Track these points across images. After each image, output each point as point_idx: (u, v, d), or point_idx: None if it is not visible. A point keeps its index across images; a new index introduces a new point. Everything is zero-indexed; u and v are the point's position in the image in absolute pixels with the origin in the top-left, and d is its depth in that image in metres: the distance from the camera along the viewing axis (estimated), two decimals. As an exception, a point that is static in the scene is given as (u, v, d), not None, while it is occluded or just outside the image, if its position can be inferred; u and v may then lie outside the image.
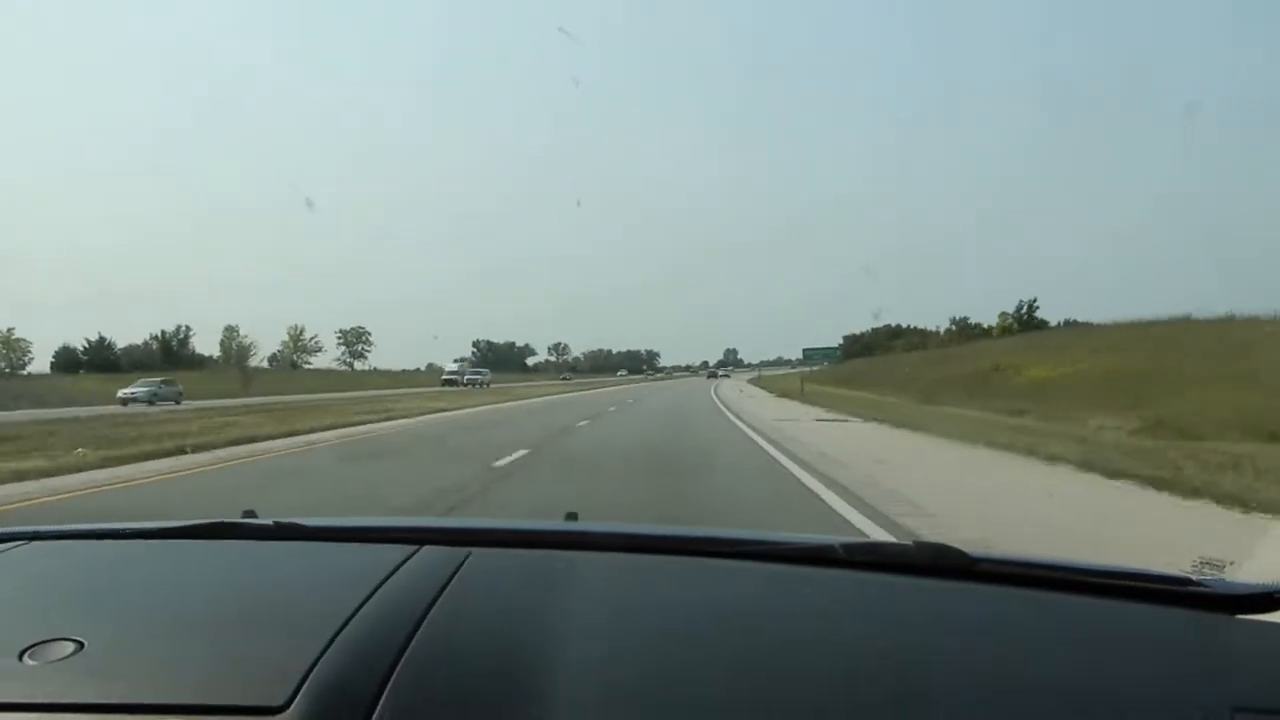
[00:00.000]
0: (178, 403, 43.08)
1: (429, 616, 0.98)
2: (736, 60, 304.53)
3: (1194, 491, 7.89)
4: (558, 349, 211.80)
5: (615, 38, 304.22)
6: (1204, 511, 7.20)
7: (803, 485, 9.25)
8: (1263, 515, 6.76)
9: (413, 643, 0.92)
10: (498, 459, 11.72)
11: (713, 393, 44.72)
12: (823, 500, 8.15)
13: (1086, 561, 1.24)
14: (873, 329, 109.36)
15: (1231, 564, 1.31)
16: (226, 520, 1.42)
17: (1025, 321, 70.60)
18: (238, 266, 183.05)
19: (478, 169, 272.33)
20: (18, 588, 1.21)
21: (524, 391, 55.69)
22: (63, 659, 0.91)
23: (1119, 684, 0.91)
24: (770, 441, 14.77)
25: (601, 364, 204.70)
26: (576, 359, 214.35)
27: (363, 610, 0.98)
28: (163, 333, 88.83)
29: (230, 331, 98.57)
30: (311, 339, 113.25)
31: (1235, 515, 6.93)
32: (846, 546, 1.23)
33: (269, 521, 1.42)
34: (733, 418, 22.50)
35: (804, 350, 75.44)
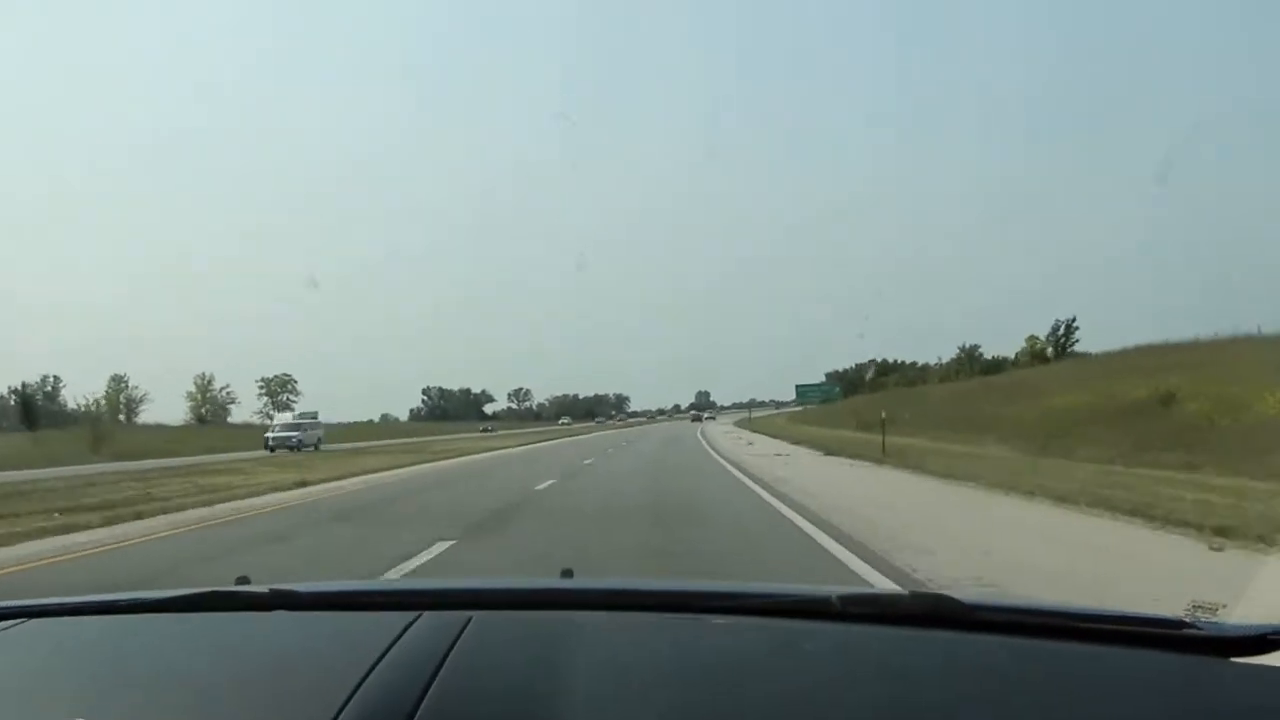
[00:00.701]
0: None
1: (433, 686, 0.97)
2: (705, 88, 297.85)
3: None
4: (519, 395, 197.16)
5: (592, 82, 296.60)
6: None
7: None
8: None
9: (419, 712, 0.92)
10: None
11: (717, 452, 28.27)
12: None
13: (1082, 606, 1.26)
14: (857, 365, 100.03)
15: (1224, 607, 1.34)
16: (222, 590, 1.42)
17: (1062, 345, 60.23)
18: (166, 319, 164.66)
19: (438, 205, 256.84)
20: (23, 668, 1.22)
21: (392, 456, 33.53)
22: None
23: None
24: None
25: (567, 409, 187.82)
26: (541, 405, 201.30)
27: (366, 682, 0.98)
28: (23, 385, 73.46)
29: (116, 382, 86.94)
30: (222, 390, 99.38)
31: None
32: (843, 598, 1.23)
33: (265, 589, 1.41)
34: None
35: (797, 387, 64.09)
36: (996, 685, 1.03)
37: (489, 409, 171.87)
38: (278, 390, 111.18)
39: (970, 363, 74.53)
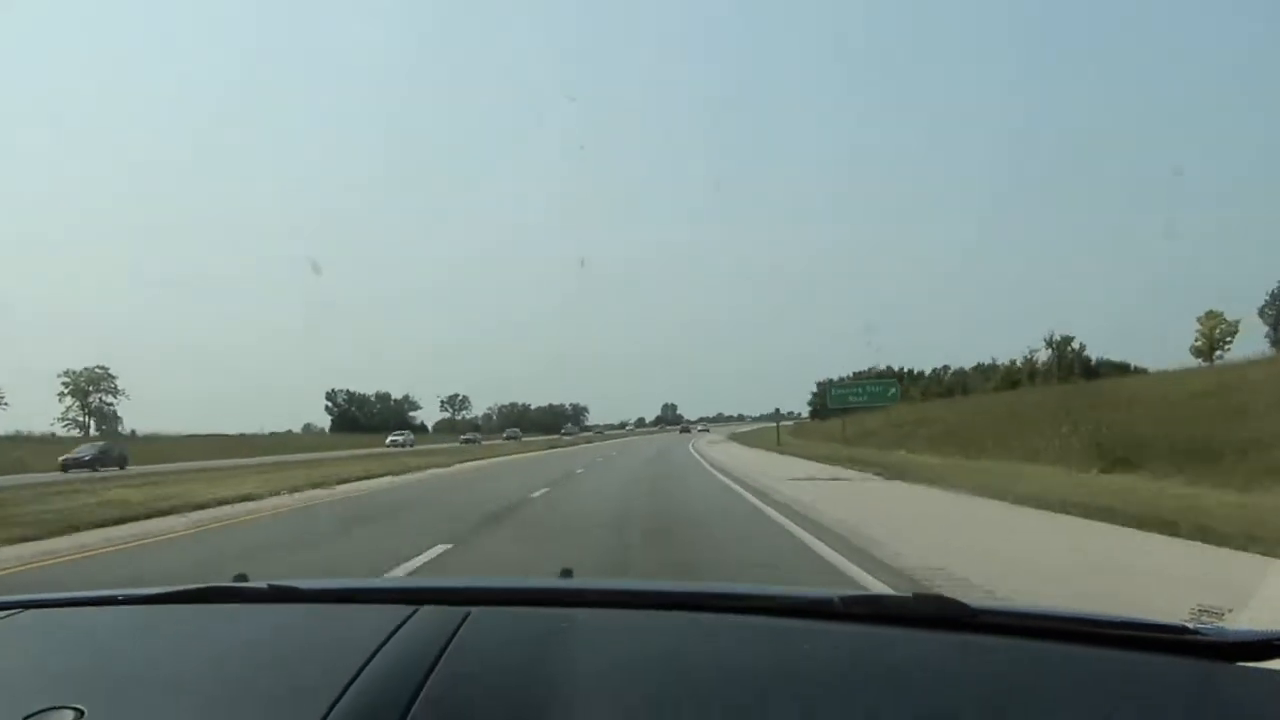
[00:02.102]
0: None
1: (430, 679, 0.97)
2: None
3: None
4: (454, 403, 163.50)
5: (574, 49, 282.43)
6: None
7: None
8: None
9: (414, 706, 0.91)
10: None
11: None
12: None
13: (1086, 611, 1.23)
14: (856, 374, 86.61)
15: (1230, 611, 1.33)
16: (220, 585, 1.41)
17: (1065, 361, 48.25)
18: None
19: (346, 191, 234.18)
20: (18, 656, 1.22)
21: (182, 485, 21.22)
22: None
23: None
24: None
25: (515, 421, 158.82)
26: (484, 416, 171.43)
27: (363, 674, 0.98)
28: None
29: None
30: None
31: None
32: (845, 599, 1.22)
33: (263, 584, 1.40)
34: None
35: (831, 387, 42.56)
36: (999, 688, 1.02)
37: (417, 418, 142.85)
38: (87, 388, 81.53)
39: (978, 375, 61.25)
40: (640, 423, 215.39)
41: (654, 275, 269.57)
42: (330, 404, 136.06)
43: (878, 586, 6.35)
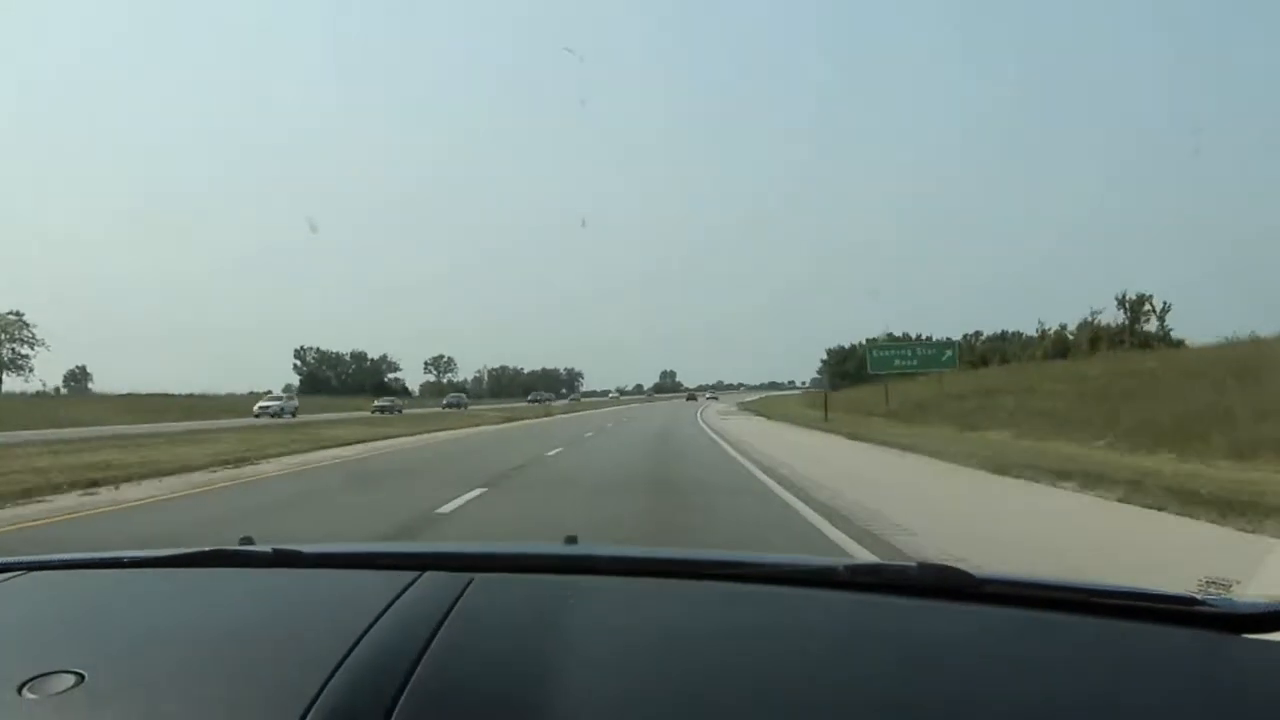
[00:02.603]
0: None
1: (433, 644, 0.97)
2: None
3: None
4: (439, 365, 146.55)
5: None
6: None
7: None
8: None
9: (417, 670, 0.91)
10: None
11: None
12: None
13: (1092, 581, 1.22)
14: (869, 340, 78.86)
15: (1238, 583, 1.33)
16: (225, 548, 1.42)
17: (1134, 327, 40.44)
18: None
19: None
20: (17, 619, 1.21)
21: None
22: (63, 692, 0.90)
23: (1127, 706, 0.92)
24: None
25: (505, 386, 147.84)
26: (474, 379, 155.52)
27: (366, 638, 0.98)
28: None
29: None
30: None
31: None
32: (850, 568, 1.22)
33: (268, 549, 1.40)
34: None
35: (871, 350, 37.35)
36: (1004, 657, 1.02)
37: (396, 380, 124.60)
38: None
39: (1036, 342, 53.17)
40: (639, 389, 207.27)
41: (654, 237, 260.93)
42: (299, 363, 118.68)
43: None
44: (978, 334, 68.72)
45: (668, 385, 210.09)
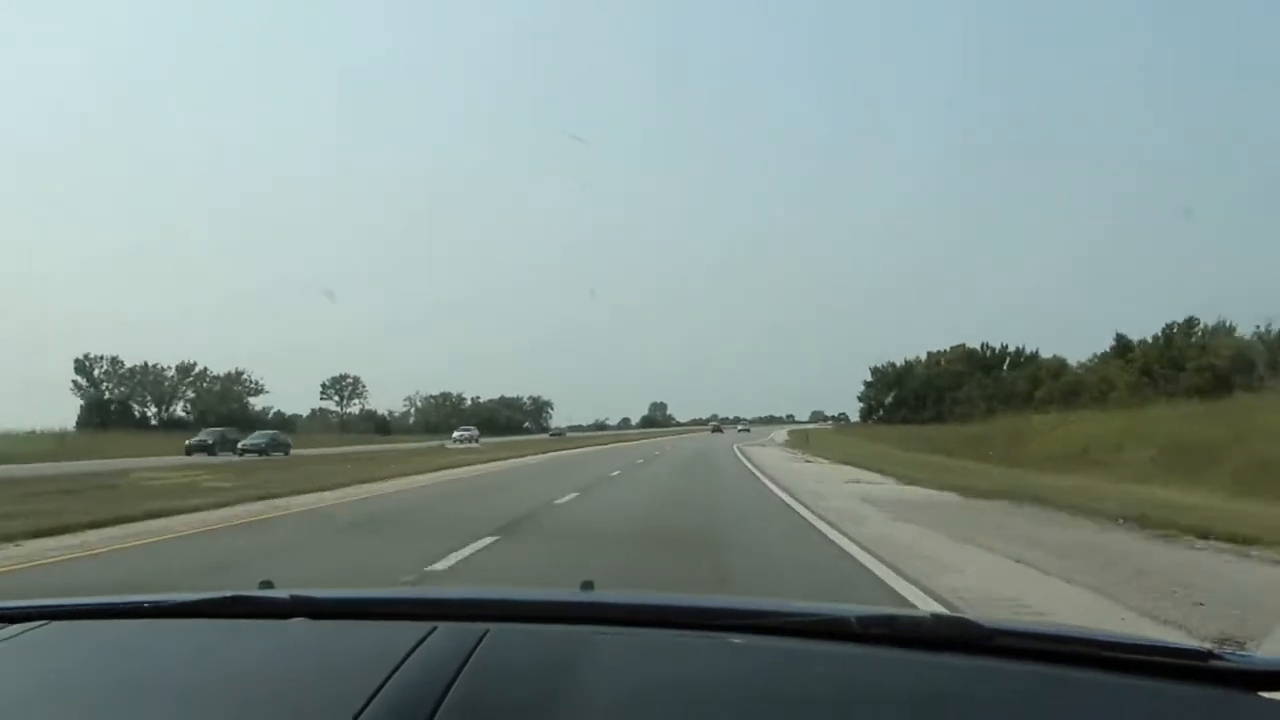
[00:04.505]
0: None
1: (447, 698, 0.98)
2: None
3: None
4: (339, 388, 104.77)
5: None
6: None
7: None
8: None
9: None
10: None
11: None
12: None
13: (1106, 633, 1.23)
14: (931, 355, 69.25)
15: (1252, 640, 1.23)
16: (244, 594, 1.43)
17: None
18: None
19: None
20: (41, 672, 1.22)
21: None
22: None
23: None
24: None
25: (443, 421, 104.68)
26: (408, 409, 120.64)
27: (380, 695, 0.98)
28: None
29: None
30: None
31: None
32: (861, 619, 1.22)
33: (285, 595, 1.41)
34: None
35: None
36: (1015, 714, 1.02)
37: (261, 405, 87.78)
38: None
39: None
40: (625, 423, 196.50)
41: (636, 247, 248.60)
42: (83, 382, 78.81)
43: None
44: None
45: (658, 418, 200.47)
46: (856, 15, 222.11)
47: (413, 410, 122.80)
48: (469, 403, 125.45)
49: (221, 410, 75.28)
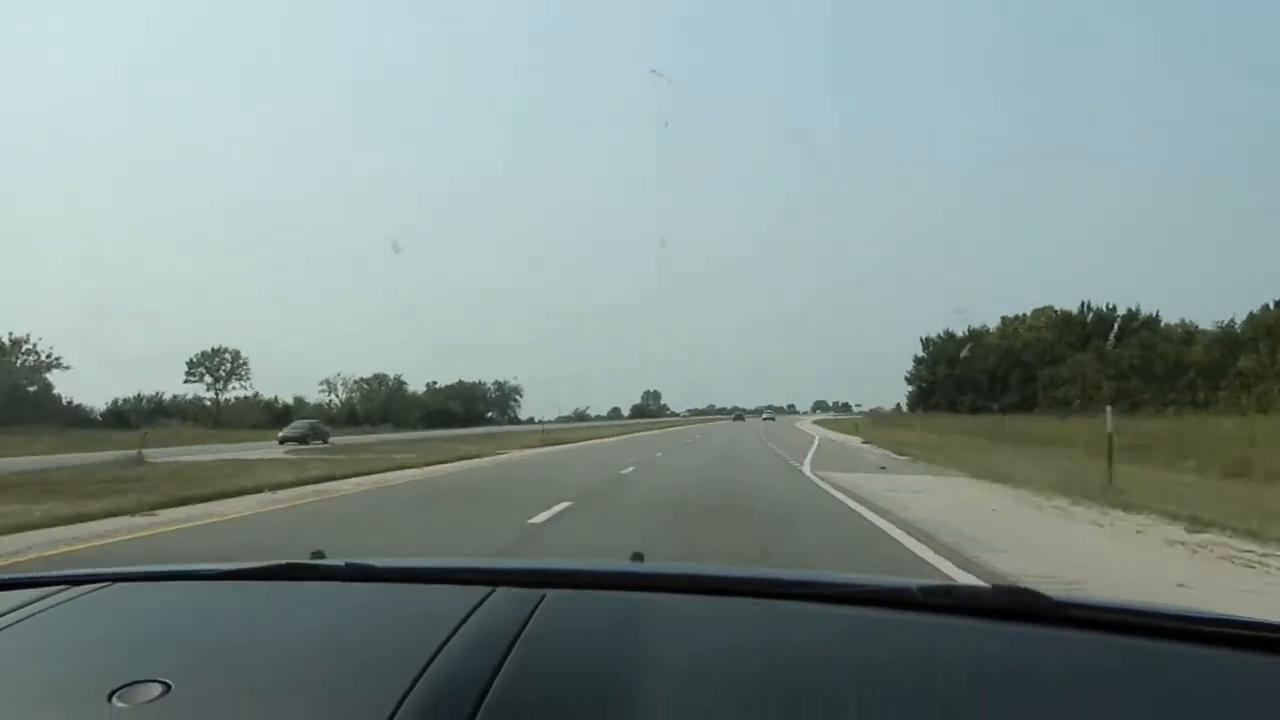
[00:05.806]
0: None
1: (508, 660, 0.99)
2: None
3: None
4: (212, 366, 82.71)
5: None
6: None
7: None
8: None
9: (493, 687, 0.93)
10: None
11: None
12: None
13: (1177, 607, 1.21)
14: (949, 333, 54.14)
15: None
16: (299, 562, 1.44)
17: None
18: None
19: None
20: (106, 629, 1.23)
21: None
22: (151, 700, 0.93)
23: None
24: None
25: (384, 412, 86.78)
26: (339, 399, 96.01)
27: (442, 654, 0.99)
28: None
29: None
30: None
31: None
32: (924, 589, 1.20)
33: (341, 563, 1.41)
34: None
35: None
36: (1082, 685, 0.99)
37: (65, 396, 66.48)
38: None
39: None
40: (615, 413, 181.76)
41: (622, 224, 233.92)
42: None
43: None
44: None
45: (651, 408, 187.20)
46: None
47: (332, 397, 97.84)
48: (412, 390, 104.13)
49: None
